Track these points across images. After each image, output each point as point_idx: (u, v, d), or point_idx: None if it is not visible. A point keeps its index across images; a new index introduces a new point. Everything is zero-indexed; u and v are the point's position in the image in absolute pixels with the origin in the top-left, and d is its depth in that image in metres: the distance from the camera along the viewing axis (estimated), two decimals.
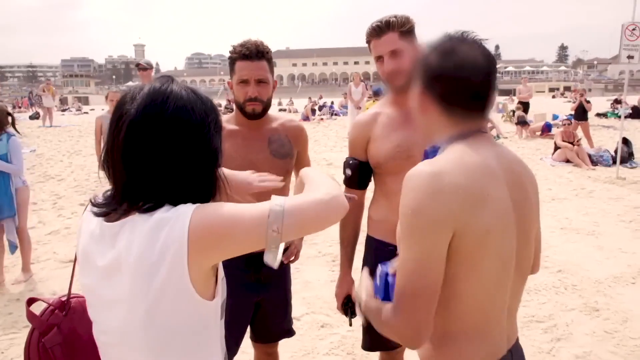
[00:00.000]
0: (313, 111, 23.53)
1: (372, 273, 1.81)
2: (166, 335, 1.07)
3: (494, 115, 20.80)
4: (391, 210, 2.09)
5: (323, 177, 1.23)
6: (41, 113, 20.50)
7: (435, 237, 1.15)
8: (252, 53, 2.05)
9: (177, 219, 1.02)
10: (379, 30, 2.00)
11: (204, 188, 1.13)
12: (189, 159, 1.09)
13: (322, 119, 22.45)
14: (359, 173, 2.18)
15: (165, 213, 1.05)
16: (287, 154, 2.23)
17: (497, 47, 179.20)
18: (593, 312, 3.91)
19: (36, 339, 1.38)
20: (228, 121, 2.22)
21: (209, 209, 1.05)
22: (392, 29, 1.97)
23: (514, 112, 16.02)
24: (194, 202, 1.08)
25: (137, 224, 1.05)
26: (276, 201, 1.06)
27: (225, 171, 1.38)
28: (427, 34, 1.38)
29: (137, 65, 7.98)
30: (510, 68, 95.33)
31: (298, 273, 4.78)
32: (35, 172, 10.20)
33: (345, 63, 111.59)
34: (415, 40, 2.04)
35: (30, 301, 1.49)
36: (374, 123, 2.11)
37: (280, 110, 32.44)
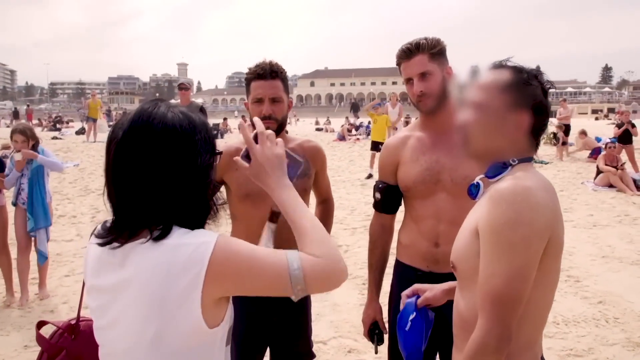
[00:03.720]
0: (349, 131, 23.55)
1: (395, 297, 1.76)
2: (170, 358, 1.07)
3: None
4: (419, 235, 2.05)
5: (325, 233, 1.21)
6: (86, 128, 21.00)
7: (539, 246, 1.23)
8: (266, 72, 2.09)
9: (198, 246, 1.04)
10: (408, 52, 1.97)
11: (196, 207, 1.13)
12: (176, 176, 1.09)
13: (358, 139, 22.39)
14: (387, 197, 2.17)
15: (181, 239, 1.06)
16: (304, 173, 2.22)
17: (537, 68, 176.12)
18: (637, 348, 3.69)
19: None
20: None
21: (233, 242, 1.08)
22: (422, 51, 1.94)
23: (554, 134, 15.60)
24: (188, 222, 1.10)
25: (149, 247, 1.06)
26: (294, 264, 1.08)
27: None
28: (465, 55, 1.36)
29: (179, 85, 8.34)
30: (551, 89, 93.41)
31: (327, 295, 4.70)
32: (77, 185, 10.48)
33: (383, 83, 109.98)
34: (446, 62, 2.01)
35: (40, 324, 1.51)
36: (404, 146, 2.10)
37: (317, 129, 32.52)
